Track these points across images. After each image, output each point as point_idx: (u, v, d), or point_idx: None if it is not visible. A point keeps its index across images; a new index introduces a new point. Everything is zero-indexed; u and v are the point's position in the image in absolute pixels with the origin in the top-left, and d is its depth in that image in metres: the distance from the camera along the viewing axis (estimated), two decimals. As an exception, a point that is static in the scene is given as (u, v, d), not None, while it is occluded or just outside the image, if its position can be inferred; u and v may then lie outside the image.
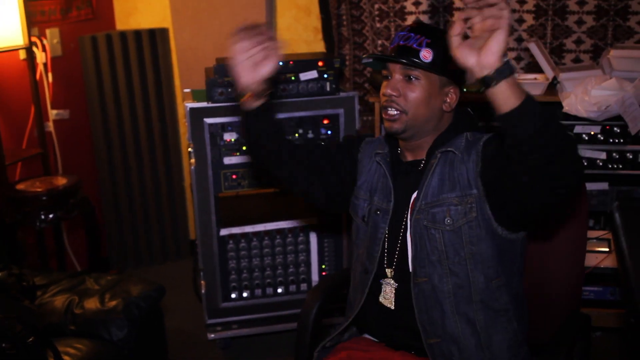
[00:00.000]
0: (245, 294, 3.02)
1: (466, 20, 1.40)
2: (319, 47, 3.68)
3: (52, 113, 3.46)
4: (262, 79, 1.77)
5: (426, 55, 1.72)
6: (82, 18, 3.66)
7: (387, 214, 1.82)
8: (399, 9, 3.33)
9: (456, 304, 1.71)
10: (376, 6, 3.37)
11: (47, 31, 3.41)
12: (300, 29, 3.70)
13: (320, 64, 2.89)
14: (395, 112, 1.74)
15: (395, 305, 1.80)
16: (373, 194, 1.88)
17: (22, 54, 3.20)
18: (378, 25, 3.39)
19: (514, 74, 1.40)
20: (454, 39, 1.43)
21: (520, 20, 3.21)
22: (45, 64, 3.38)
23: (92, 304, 2.40)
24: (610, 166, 2.79)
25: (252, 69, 1.74)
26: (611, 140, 2.77)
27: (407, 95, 1.74)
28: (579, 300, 1.97)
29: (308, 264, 3.05)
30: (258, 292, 3.03)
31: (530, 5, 3.17)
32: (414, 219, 1.75)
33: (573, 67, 2.94)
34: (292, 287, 3.06)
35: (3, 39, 2.96)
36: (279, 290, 3.05)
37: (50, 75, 3.41)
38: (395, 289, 1.80)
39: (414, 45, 1.73)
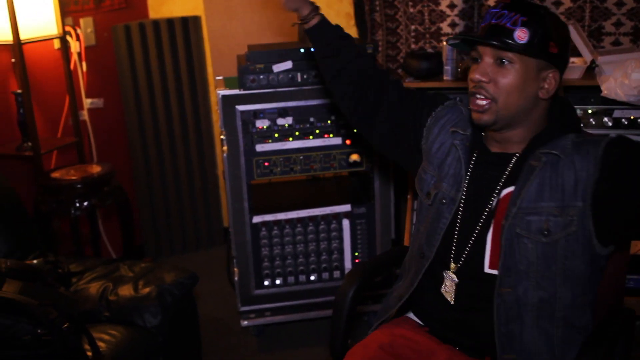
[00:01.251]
0: (278, 282, 3.02)
1: None
2: (352, 33, 3.64)
3: (87, 102, 3.49)
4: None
5: (521, 35, 1.55)
6: (116, 7, 3.67)
7: (453, 204, 1.71)
8: (432, -7, 3.28)
9: (538, 318, 1.60)
10: (409, -9, 3.32)
11: (81, 20, 3.43)
12: (332, 15, 3.67)
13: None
14: (484, 101, 1.60)
15: (455, 302, 1.70)
16: (442, 177, 1.75)
17: (57, 44, 3.23)
18: (411, 10, 3.34)
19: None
20: None
21: (558, 3, 3.13)
22: (79, 53, 3.40)
23: (126, 291, 2.42)
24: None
25: None
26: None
27: (498, 81, 1.58)
28: (622, 292, 1.88)
29: (341, 251, 3.04)
30: (291, 279, 3.03)
31: (567, -13, 3.10)
32: (509, 223, 1.60)
33: (612, 50, 2.86)
34: (325, 275, 3.04)
35: (37, 28, 2.99)
36: (312, 278, 3.04)
37: (84, 64, 3.43)
38: (456, 285, 1.70)
39: (508, 24, 1.56)
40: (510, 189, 1.64)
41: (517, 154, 1.66)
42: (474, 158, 1.72)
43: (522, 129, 1.65)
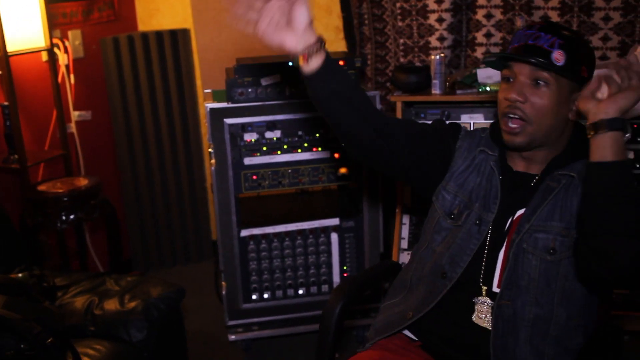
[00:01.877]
0: (266, 295, 3.00)
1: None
2: (341, 46, 3.65)
3: (74, 114, 3.48)
4: (303, 30, 1.54)
5: (558, 57, 1.55)
6: (104, 20, 3.67)
7: (487, 226, 1.69)
8: (421, 7, 3.29)
9: (532, 334, 1.62)
10: (398, 4, 3.33)
11: (69, 33, 3.42)
12: (321, 29, 3.68)
13: (341, 63, 2.86)
14: (518, 125, 1.60)
15: (494, 327, 1.64)
16: (474, 200, 1.73)
17: (44, 56, 3.22)
18: (400, 24, 3.35)
19: (625, 133, 1.41)
20: (587, 92, 1.46)
21: (545, 18, 3.15)
22: (67, 66, 3.39)
23: (112, 305, 2.40)
24: (637, 166, 2.73)
25: (285, 26, 1.54)
26: (639, 140, 2.71)
27: (534, 102, 1.58)
28: (609, 309, 1.89)
29: (329, 265, 3.02)
30: (279, 293, 3.01)
31: (555, 2, 3.11)
32: (519, 239, 1.62)
33: (599, 65, 2.86)
34: (314, 289, 3.03)
35: (25, 40, 2.98)
36: (300, 292, 3.02)
37: (72, 76, 3.42)
38: (492, 308, 1.65)
39: (545, 46, 1.56)
40: (523, 210, 1.66)
41: (537, 176, 1.68)
42: (500, 178, 1.72)
43: (547, 150, 1.67)
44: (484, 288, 1.68)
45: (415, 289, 1.82)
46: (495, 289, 1.66)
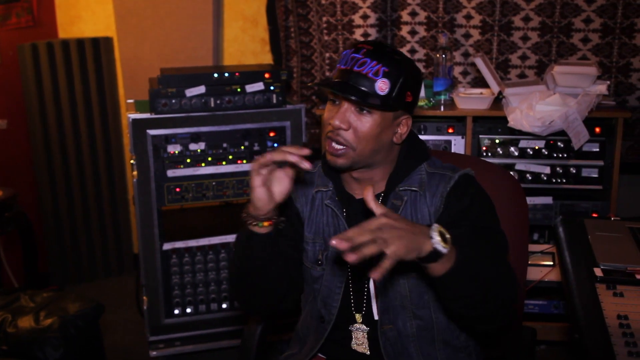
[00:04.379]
0: (189, 310, 2.95)
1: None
2: (267, 58, 3.64)
3: (-11, 123, 3.35)
4: (276, 203, 1.55)
5: (382, 87, 1.54)
6: (22, 25, 3.55)
7: (345, 261, 1.69)
8: (346, 22, 3.33)
9: (420, 346, 1.64)
10: (324, 19, 3.35)
11: (-16, 38, 3.30)
12: (247, 40, 3.66)
13: (266, 75, 2.86)
14: (341, 148, 1.58)
15: (370, 351, 1.68)
16: (327, 239, 1.69)
17: (-43, 62, 3.09)
18: (326, 38, 3.38)
19: (441, 255, 1.33)
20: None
21: (467, 36, 3.23)
22: (-19, 72, 3.27)
23: (26, 322, 2.31)
24: (554, 180, 2.82)
25: (269, 194, 1.53)
26: (555, 155, 2.81)
27: (358, 129, 1.56)
28: (520, 314, 1.95)
29: (254, 278, 2.99)
30: (202, 307, 2.96)
31: (476, 21, 3.20)
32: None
33: (518, 83, 2.97)
34: (237, 303, 3.00)
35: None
36: (224, 306, 2.99)
37: (-13, 83, 3.30)
38: (368, 333, 1.69)
39: (370, 74, 1.54)
40: None
41: (382, 194, 1.66)
42: (344, 211, 1.69)
43: (379, 169, 1.65)
44: (357, 316, 1.70)
45: (307, 339, 1.82)
46: (376, 317, 1.68)
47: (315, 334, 1.76)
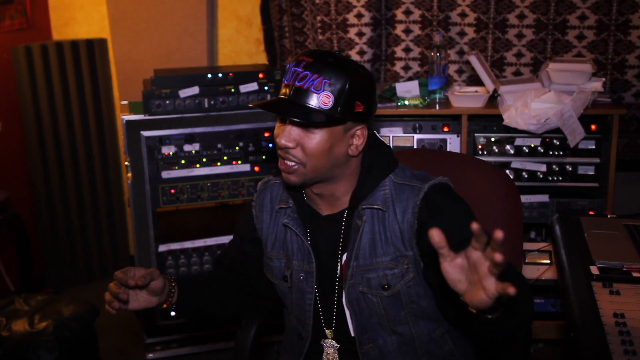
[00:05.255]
0: (185, 312, 2.94)
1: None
2: (262, 59, 3.63)
3: (-17, 126, 3.34)
4: (154, 300, 1.58)
5: (325, 101, 1.44)
6: (16, 27, 3.54)
7: (312, 277, 1.63)
8: (341, 22, 3.32)
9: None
10: (318, 18, 3.34)
11: (-22, 41, 3.29)
12: (241, 41, 3.65)
13: (260, 75, 2.85)
14: (292, 164, 1.50)
15: None
16: (291, 256, 1.65)
17: (-50, 64, 3.08)
18: (320, 37, 3.37)
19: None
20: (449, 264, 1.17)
21: (462, 34, 3.22)
22: (-25, 75, 3.26)
23: (20, 326, 2.30)
24: (550, 178, 2.81)
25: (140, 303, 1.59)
26: (551, 153, 2.79)
27: (305, 146, 1.48)
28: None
29: (250, 279, 2.98)
30: (198, 309, 2.95)
31: (471, 19, 3.19)
32: (348, 284, 1.57)
33: (513, 80, 2.96)
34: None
35: None
36: (220, 307, 2.97)
37: (-20, 86, 3.29)
38: (338, 350, 1.66)
39: (311, 89, 1.44)
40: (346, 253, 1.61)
41: (345, 210, 1.60)
42: (308, 230, 1.64)
43: (340, 184, 1.57)
44: (328, 332, 1.67)
45: (289, 353, 1.80)
46: (353, 333, 1.65)
47: (296, 350, 1.73)
